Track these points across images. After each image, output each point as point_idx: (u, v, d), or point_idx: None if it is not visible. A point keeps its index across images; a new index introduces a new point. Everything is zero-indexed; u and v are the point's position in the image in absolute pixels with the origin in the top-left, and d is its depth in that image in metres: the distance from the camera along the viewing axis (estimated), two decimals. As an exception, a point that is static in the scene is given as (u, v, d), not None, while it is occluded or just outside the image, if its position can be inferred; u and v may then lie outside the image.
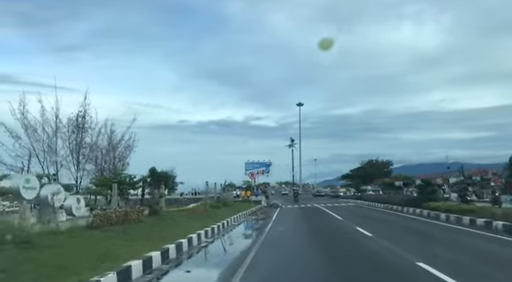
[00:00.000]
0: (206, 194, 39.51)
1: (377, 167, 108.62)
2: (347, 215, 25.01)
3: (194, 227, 15.12)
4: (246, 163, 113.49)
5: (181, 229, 14.28)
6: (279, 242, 14.26)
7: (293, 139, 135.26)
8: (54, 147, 24.75)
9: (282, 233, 16.76)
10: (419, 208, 24.98)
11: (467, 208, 19.85)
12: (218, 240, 14.96)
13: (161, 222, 16.06)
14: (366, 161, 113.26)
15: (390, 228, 17.83)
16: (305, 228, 18.87)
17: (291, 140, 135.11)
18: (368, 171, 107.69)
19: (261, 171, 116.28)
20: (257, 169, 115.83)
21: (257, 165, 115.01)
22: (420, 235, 14.75)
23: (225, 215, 21.72)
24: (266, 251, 11.75)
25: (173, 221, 16.71)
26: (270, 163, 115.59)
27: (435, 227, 17.87)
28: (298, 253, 11.35)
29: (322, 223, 20.91)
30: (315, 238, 15.12)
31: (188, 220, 17.71)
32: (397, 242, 12.37)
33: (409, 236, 14.61)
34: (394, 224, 19.78)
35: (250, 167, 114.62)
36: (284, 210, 35.19)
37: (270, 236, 15.40)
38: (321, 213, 29.38)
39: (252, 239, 15.10)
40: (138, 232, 12.54)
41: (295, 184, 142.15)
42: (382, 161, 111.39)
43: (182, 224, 16.14)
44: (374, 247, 11.84)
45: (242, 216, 25.02)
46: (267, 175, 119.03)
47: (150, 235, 12.34)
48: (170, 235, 12.35)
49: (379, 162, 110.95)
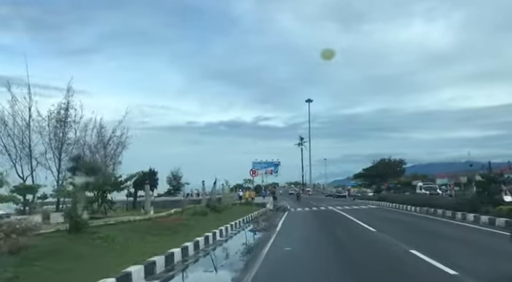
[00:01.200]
0: (204, 195, 33.92)
1: (389, 166, 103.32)
2: (380, 225, 17.55)
3: (103, 267, 7.58)
4: (253, 162, 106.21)
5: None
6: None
7: (302, 138, 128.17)
8: (28, 142, 21.25)
9: (288, 259, 9.83)
10: (477, 213, 17.92)
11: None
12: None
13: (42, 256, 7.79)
14: (378, 160, 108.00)
15: (472, 251, 10.58)
16: (324, 247, 11.84)
17: (300, 138, 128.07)
18: (381, 170, 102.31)
19: (269, 171, 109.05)
20: (265, 169, 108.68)
21: (265, 164, 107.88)
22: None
23: (206, 226, 14.64)
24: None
25: (70, 255, 8.30)
26: (278, 163, 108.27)
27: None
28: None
29: (347, 238, 13.90)
30: (343, 269, 8.32)
31: (119, 246, 9.89)
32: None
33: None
34: (471, 243, 12.42)
35: (258, 166, 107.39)
36: (293, 215, 28.12)
37: (265, 268, 8.54)
38: (341, 220, 22.23)
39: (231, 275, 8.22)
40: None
41: (305, 185, 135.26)
42: (395, 160, 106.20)
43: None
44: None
45: (235, 226, 17.89)
46: (276, 175, 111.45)
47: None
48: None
49: (391, 161, 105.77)
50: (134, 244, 10.04)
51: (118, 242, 9.87)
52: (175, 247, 9.84)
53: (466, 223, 17.70)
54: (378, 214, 25.97)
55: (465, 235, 14.18)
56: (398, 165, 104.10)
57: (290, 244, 12.22)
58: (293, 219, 23.90)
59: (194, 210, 20.16)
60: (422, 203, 25.99)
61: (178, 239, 11.16)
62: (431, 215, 22.53)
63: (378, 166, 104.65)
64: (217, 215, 20.71)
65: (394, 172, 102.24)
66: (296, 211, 31.44)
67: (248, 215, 23.10)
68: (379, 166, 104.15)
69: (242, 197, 42.21)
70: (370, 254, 10.28)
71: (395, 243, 11.64)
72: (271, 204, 40.29)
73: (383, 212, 27.51)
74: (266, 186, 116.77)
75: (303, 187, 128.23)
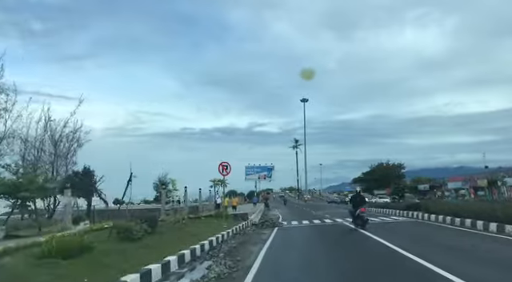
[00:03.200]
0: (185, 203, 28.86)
1: (388, 170, 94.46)
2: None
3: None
4: (246, 167, 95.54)
5: None
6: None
7: (297, 140, 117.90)
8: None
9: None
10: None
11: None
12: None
13: None
14: (376, 165, 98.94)
15: None
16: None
17: (295, 141, 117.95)
18: (379, 174, 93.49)
19: (262, 176, 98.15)
20: (258, 174, 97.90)
21: (258, 169, 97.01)
22: None
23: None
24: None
25: None
26: (272, 167, 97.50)
27: None
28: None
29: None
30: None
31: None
32: None
33: None
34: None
35: (251, 171, 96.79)
36: (285, 235, 17.22)
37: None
38: (376, 254, 11.11)
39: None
40: None
41: (300, 190, 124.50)
42: (393, 164, 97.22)
43: None
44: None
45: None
46: (269, 180, 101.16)
47: None
48: None
49: (390, 165, 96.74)
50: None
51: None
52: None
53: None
54: (424, 233, 15.34)
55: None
56: (396, 169, 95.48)
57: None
58: (284, 245, 13.38)
59: (126, 226, 10.00)
60: (487, 215, 15.14)
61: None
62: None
63: (376, 170, 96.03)
64: (145, 241, 10.12)
65: (395, 176, 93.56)
66: (290, 227, 20.80)
67: (204, 240, 12.42)
68: (377, 170, 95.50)
69: (221, 205, 31.53)
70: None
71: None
72: (258, 215, 29.69)
73: (435, 231, 16.46)
74: (259, 192, 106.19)
75: (298, 192, 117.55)
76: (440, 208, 20.17)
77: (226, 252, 11.44)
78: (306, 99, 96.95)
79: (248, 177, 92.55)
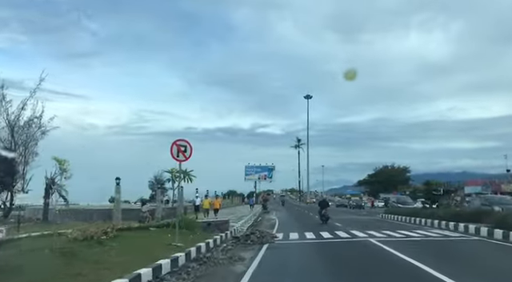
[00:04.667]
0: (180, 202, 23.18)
1: (393, 173, 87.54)
2: None
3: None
4: (246, 166, 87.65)
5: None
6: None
7: (299, 139, 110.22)
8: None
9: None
10: None
11: None
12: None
13: None
14: (381, 167, 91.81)
15: None
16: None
17: (297, 140, 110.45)
18: (385, 177, 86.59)
19: (263, 176, 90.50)
20: (258, 174, 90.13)
21: (258, 169, 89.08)
22: None
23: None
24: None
25: None
26: (272, 167, 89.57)
27: None
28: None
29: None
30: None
31: None
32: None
33: None
34: None
35: (251, 171, 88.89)
36: (275, 264, 9.99)
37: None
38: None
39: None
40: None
41: (302, 192, 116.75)
42: (398, 167, 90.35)
43: None
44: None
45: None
46: (270, 181, 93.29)
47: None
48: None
49: (395, 168, 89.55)
50: None
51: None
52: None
53: None
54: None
55: None
56: (401, 173, 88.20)
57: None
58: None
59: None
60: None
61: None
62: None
63: (381, 173, 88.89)
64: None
65: (401, 180, 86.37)
66: (286, 245, 13.38)
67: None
68: (382, 173, 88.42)
69: (201, 207, 24.15)
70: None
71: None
72: (248, 221, 22.45)
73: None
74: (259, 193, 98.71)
75: (300, 194, 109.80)
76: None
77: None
78: (310, 96, 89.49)
79: (248, 177, 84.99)
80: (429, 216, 21.24)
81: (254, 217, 27.50)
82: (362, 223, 20.90)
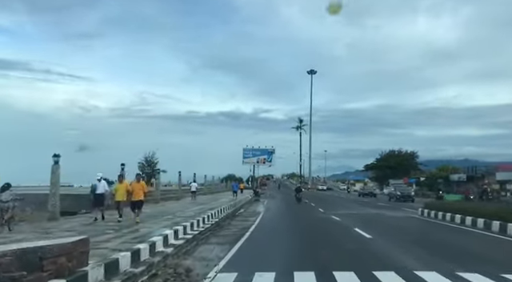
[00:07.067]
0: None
1: (400, 159, 79.08)
2: None
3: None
4: (244, 149, 78.66)
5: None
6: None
7: (301, 120, 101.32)
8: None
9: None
10: None
11: None
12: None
13: None
14: (387, 152, 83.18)
15: None
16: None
17: (299, 120, 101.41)
18: (394, 162, 78.17)
19: (262, 160, 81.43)
20: (257, 157, 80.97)
21: (257, 152, 79.61)
22: None
23: None
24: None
25: None
26: (272, 150, 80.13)
27: None
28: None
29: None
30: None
31: None
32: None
33: None
34: None
35: (249, 154, 79.61)
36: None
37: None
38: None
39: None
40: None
41: (303, 177, 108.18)
42: (406, 152, 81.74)
43: None
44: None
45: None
46: (269, 165, 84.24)
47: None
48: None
49: (402, 153, 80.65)
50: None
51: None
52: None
53: None
54: None
55: None
56: (409, 158, 79.71)
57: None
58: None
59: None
60: None
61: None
62: None
63: (388, 158, 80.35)
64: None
65: (410, 165, 78.06)
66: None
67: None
68: (389, 158, 79.89)
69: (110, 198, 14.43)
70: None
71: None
72: (200, 226, 13.60)
73: None
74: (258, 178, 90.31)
75: (301, 179, 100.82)
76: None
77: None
78: (314, 71, 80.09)
79: (246, 160, 76.21)
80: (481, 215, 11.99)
81: (227, 212, 18.84)
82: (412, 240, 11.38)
